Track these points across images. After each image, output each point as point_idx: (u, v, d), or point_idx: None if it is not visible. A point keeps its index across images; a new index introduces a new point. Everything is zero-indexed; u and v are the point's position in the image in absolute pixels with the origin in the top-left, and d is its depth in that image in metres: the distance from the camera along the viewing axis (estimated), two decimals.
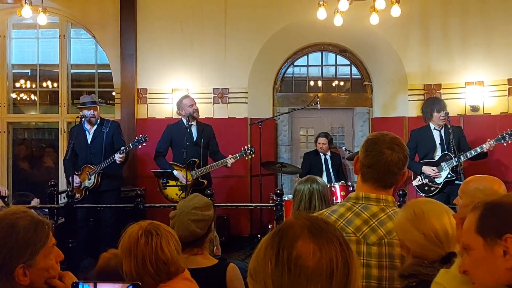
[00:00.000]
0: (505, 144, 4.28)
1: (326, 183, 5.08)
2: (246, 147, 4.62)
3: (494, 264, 1.04)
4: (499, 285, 1.06)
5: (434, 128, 4.60)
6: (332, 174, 5.47)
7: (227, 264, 2.06)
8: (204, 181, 4.64)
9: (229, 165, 4.59)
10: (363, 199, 1.56)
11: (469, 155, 4.34)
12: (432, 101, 4.76)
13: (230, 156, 4.56)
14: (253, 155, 4.65)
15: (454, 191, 4.35)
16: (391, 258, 1.47)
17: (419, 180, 4.62)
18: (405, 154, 1.56)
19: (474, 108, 5.49)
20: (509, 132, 4.23)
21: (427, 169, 4.50)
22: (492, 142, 4.24)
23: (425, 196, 4.56)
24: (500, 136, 4.25)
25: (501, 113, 5.37)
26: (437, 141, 4.58)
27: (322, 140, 5.50)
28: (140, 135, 4.62)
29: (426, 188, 4.58)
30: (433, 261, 1.30)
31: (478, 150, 4.29)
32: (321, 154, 5.53)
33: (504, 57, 5.33)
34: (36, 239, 1.24)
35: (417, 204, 1.42)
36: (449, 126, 4.43)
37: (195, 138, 4.76)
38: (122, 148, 4.49)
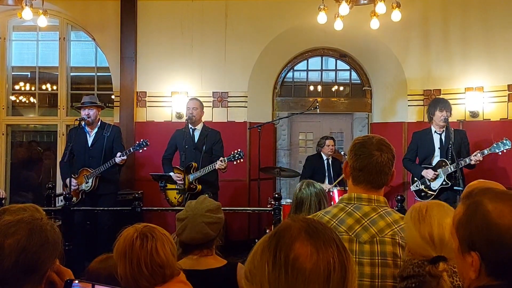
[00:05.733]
0: (499, 153, 4.25)
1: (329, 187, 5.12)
2: (235, 151, 4.48)
3: (464, 266, 1.07)
4: (464, 283, 1.10)
5: (435, 132, 4.56)
6: (333, 178, 5.48)
7: (236, 264, 2.08)
8: (198, 185, 4.57)
9: (217, 167, 4.44)
10: (355, 199, 1.59)
11: (463, 163, 4.29)
12: (437, 101, 4.74)
13: (220, 159, 4.47)
14: (241, 160, 4.49)
15: (450, 198, 4.34)
16: (383, 256, 1.48)
17: (416, 186, 4.60)
18: (393, 153, 1.60)
19: (474, 114, 5.48)
20: (503, 141, 4.19)
21: (426, 172, 4.46)
22: (479, 155, 4.20)
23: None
24: (494, 145, 4.22)
25: (500, 119, 5.36)
26: (437, 145, 4.54)
27: (330, 142, 5.51)
28: (142, 140, 4.57)
29: (422, 194, 4.55)
30: (424, 261, 1.30)
31: (467, 161, 4.26)
32: (325, 159, 5.53)
33: (504, 63, 5.33)
34: (59, 238, 1.21)
35: (425, 204, 1.44)
36: (451, 131, 4.40)
37: (195, 142, 4.74)
38: (124, 151, 4.48)
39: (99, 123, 4.67)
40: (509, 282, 0.97)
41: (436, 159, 4.52)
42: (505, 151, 4.19)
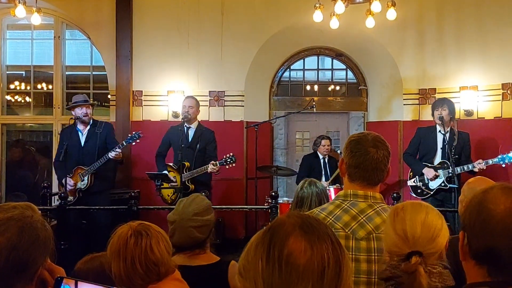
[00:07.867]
0: (503, 166, 4.28)
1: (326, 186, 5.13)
2: (227, 156, 4.43)
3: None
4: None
5: (440, 131, 4.54)
6: (329, 177, 5.49)
7: (229, 262, 2.07)
8: (191, 185, 4.52)
9: (209, 171, 4.41)
10: (351, 196, 1.59)
11: (466, 169, 4.32)
12: (434, 102, 4.79)
13: (212, 162, 4.42)
14: (233, 164, 4.43)
15: (447, 198, 4.36)
16: (380, 252, 1.47)
17: (414, 181, 4.61)
18: (388, 150, 1.60)
19: (468, 113, 5.50)
20: (510, 155, 4.23)
21: (427, 171, 4.47)
22: (483, 164, 4.24)
23: (417, 199, 4.56)
24: (500, 157, 4.26)
25: (494, 117, 5.39)
26: (439, 144, 4.53)
27: (326, 142, 5.51)
28: (134, 132, 4.57)
29: (419, 190, 4.57)
30: (400, 260, 1.28)
31: (470, 167, 4.30)
32: (321, 158, 5.54)
33: (498, 62, 5.36)
34: (50, 236, 1.19)
35: (403, 203, 1.43)
36: (455, 132, 4.43)
37: (190, 140, 4.73)
38: (117, 145, 4.47)
39: (91, 121, 4.67)
40: (504, 280, 0.96)
41: (437, 158, 4.53)
42: (509, 163, 4.24)
